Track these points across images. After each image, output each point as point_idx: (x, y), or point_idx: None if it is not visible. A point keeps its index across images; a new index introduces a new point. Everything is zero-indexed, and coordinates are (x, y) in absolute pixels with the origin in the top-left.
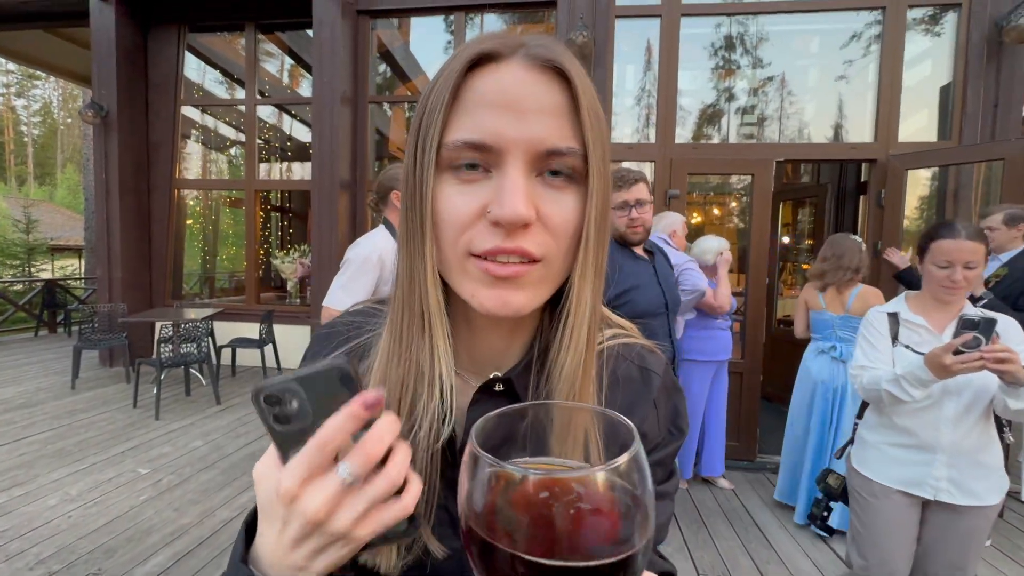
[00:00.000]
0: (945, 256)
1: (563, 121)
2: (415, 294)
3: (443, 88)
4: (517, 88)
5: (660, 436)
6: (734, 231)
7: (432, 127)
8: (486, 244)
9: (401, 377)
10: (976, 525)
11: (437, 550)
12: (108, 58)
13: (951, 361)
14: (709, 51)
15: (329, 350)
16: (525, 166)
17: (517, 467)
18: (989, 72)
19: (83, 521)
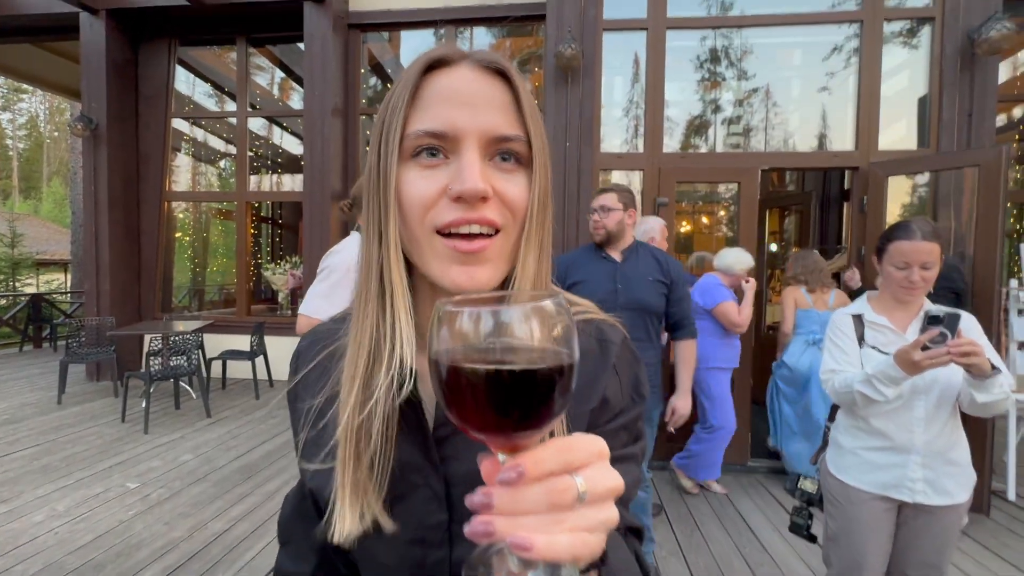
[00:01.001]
0: (902, 257)
1: (508, 113)
2: (374, 273)
3: (403, 89)
4: (469, 86)
5: (624, 402)
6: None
7: (395, 121)
8: (449, 216)
9: (365, 346)
10: (950, 523)
11: (387, 524)
12: (98, 72)
13: (920, 357)
14: (695, 63)
15: (313, 356)
16: (479, 150)
17: (459, 304)
18: (963, 83)
19: (70, 537)
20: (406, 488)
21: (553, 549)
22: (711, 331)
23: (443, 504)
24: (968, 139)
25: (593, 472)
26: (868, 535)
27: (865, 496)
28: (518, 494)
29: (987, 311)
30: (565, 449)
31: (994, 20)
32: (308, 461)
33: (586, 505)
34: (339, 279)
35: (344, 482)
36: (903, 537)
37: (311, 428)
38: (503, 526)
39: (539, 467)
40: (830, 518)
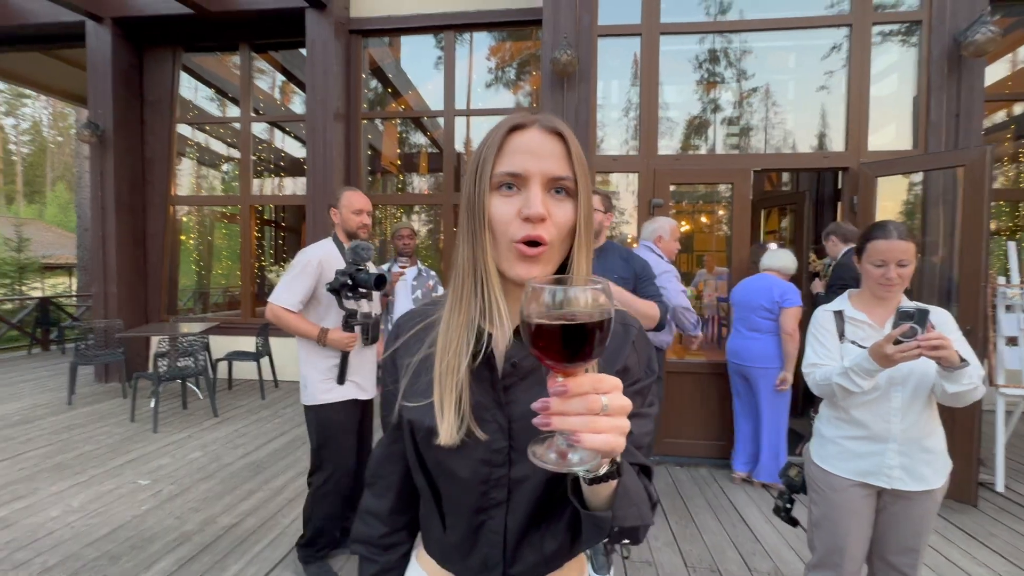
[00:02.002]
0: (880, 255)
1: (561, 161)
2: (478, 272)
3: (492, 144)
4: (536, 143)
5: (640, 373)
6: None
7: (487, 164)
8: (520, 232)
9: (465, 321)
10: (926, 508)
11: (477, 431)
12: (104, 79)
13: (892, 351)
14: (690, 66)
15: (411, 327)
16: (541, 186)
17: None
18: (950, 85)
19: (86, 530)
20: (480, 422)
21: (591, 441)
22: (776, 331)
23: (506, 434)
24: (956, 140)
25: (613, 395)
26: (849, 520)
27: (846, 483)
28: (566, 402)
29: (972, 308)
30: (596, 379)
31: (979, 23)
32: (409, 401)
33: (608, 414)
34: (297, 272)
35: (448, 404)
36: (882, 522)
37: (412, 377)
38: (557, 421)
39: (578, 386)
40: (813, 505)
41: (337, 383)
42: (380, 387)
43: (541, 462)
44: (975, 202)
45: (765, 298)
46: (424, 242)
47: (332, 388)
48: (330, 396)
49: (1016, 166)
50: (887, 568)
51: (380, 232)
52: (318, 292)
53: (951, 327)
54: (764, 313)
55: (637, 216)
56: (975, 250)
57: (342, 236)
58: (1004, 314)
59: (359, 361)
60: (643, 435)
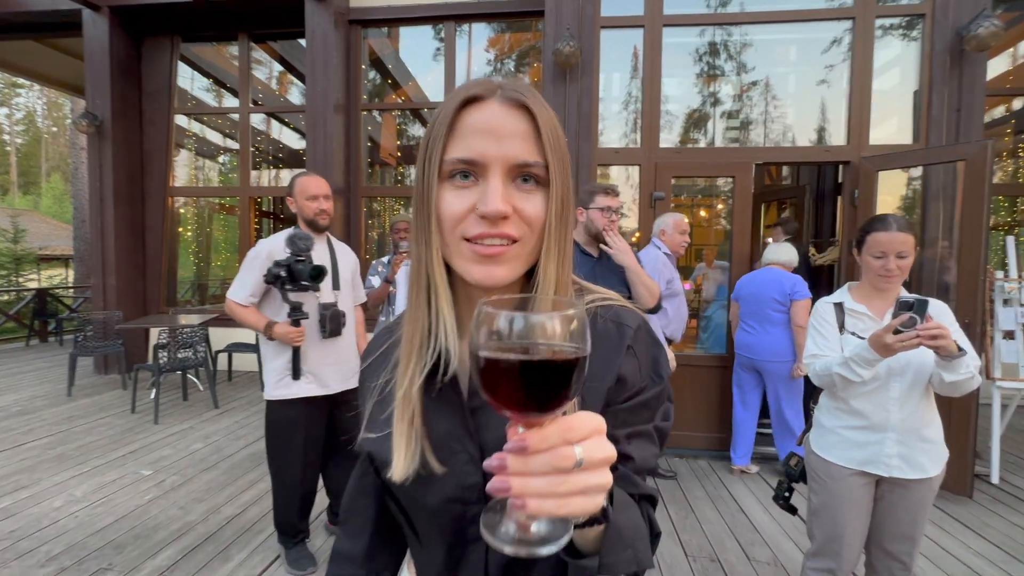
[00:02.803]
0: (880, 247)
1: (529, 142)
2: (422, 273)
3: (443, 121)
4: (495, 119)
5: (642, 382)
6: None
7: (435, 149)
8: (474, 230)
9: (418, 333)
10: (923, 496)
11: (433, 463)
12: (102, 68)
13: (892, 340)
14: (692, 59)
15: (379, 345)
16: (503, 175)
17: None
18: (952, 79)
19: (90, 520)
20: (448, 454)
21: (542, 509)
22: (787, 324)
23: (478, 467)
24: (957, 134)
25: (591, 443)
26: (848, 509)
27: (845, 472)
28: (528, 460)
29: (971, 302)
30: (567, 428)
31: (982, 17)
32: (370, 431)
33: (584, 470)
34: (247, 265)
35: (399, 433)
36: (880, 510)
37: (375, 404)
38: (516, 484)
39: (543, 442)
40: (813, 494)
41: (292, 378)
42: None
43: (497, 541)
44: (975, 196)
45: (776, 291)
46: None
47: (286, 384)
48: (281, 392)
49: (1015, 161)
50: (884, 556)
51: (379, 224)
52: (271, 285)
53: (949, 318)
54: (776, 306)
55: (639, 210)
56: (975, 244)
57: (302, 225)
58: (1002, 308)
59: (318, 355)
60: (648, 458)
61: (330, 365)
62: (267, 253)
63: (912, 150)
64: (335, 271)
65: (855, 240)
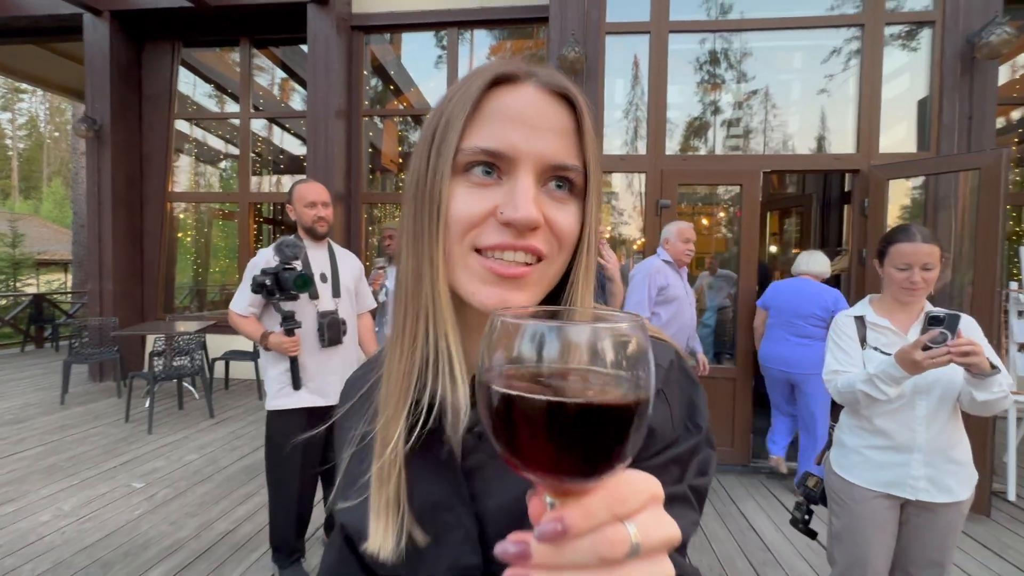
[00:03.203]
0: (904, 259)
1: (568, 141)
2: (422, 294)
3: (464, 100)
4: (532, 108)
5: (675, 432)
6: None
7: (451, 132)
8: (495, 239)
9: (404, 370)
10: (952, 521)
11: (420, 538)
12: (102, 73)
13: (921, 356)
14: (696, 66)
15: (360, 386)
16: (535, 176)
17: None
18: (963, 86)
19: (78, 536)
20: (439, 529)
21: None
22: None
23: (476, 546)
24: (968, 142)
25: (647, 518)
26: (872, 533)
27: (868, 494)
28: (563, 547)
29: (987, 313)
30: (616, 498)
31: (994, 24)
32: (344, 497)
33: (638, 559)
34: (247, 275)
35: (377, 502)
36: (906, 535)
37: (349, 463)
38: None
39: (587, 520)
40: (834, 516)
41: (293, 389)
42: None
43: None
44: (991, 206)
45: (817, 305)
46: None
47: (286, 394)
48: (281, 402)
49: (1020, 171)
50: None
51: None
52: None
53: (977, 333)
54: (816, 321)
55: (643, 218)
56: (990, 255)
57: (301, 233)
58: (1016, 320)
59: (319, 364)
60: (687, 529)
61: (332, 374)
62: (264, 262)
63: (924, 159)
64: (335, 278)
65: (877, 251)
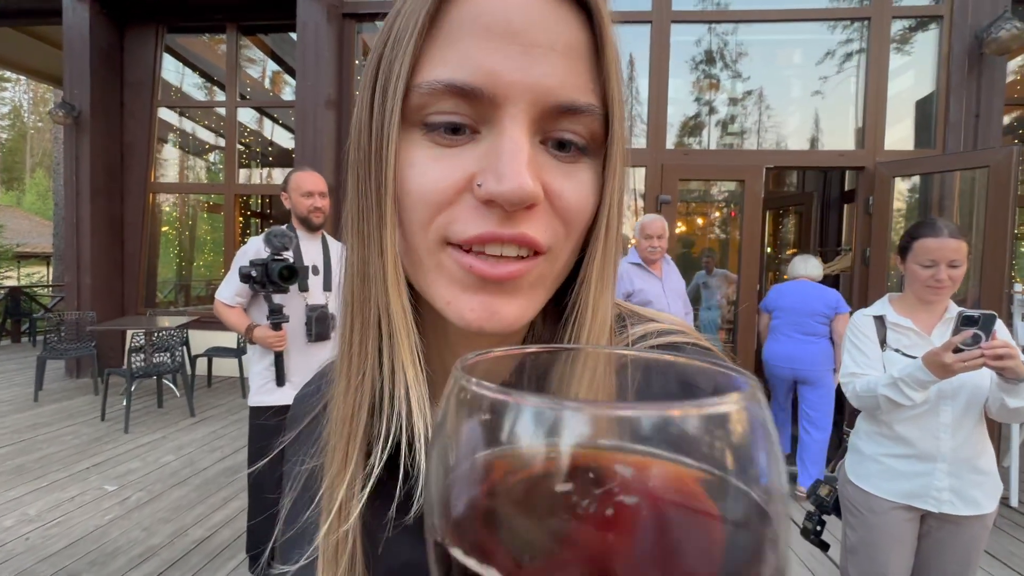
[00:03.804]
0: (929, 255)
1: (581, 66)
2: (369, 298)
3: (413, 13)
4: (523, 13)
5: None
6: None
7: (397, 63)
8: (473, 229)
9: (349, 404)
10: (977, 535)
11: None
12: (81, 57)
13: (952, 360)
14: (697, 60)
15: (307, 410)
16: (529, 124)
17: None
18: (970, 83)
19: (42, 543)
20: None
21: None
22: (828, 335)
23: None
24: (975, 140)
25: None
26: (891, 546)
27: (887, 505)
28: None
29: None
30: None
31: (1003, 20)
32: (283, 559)
33: None
34: (235, 263)
35: (325, 569)
36: (926, 549)
37: (290, 511)
38: None
39: None
40: (849, 528)
41: (276, 384)
42: None
43: None
44: (1000, 205)
45: (823, 303)
46: None
47: (268, 390)
48: (263, 398)
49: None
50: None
51: None
52: None
53: (1007, 334)
54: (821, 319)
55: (642, 213)
56: (1000, 254)
57: (296, 223)
58: (1020, 323)
59: (305, 360)
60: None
61: (316, 371)
62: (255, 251)
63: (931, 156)
64: (327, 271)
65: (899, 247)
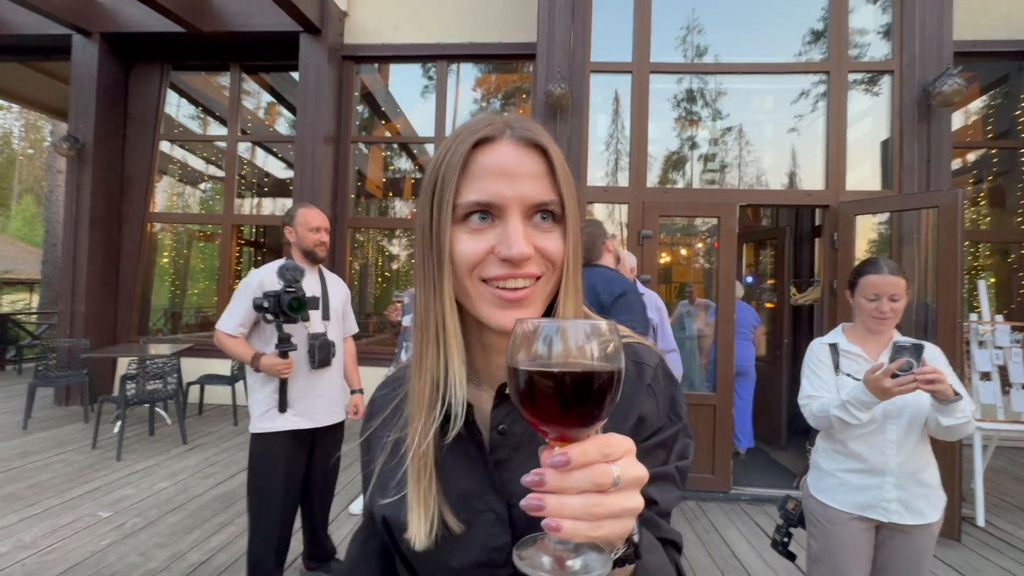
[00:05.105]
0: (873, 290)
1: (544, 181)
2: (431, 323)
3: (454, 162)
4: (509, 160)
5: (660, 421)
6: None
7: (447, 190)
8: (495, 272)
9: (428, 387)
10: (924, 543)
11: (454, 524)
12: (88, 93)
13: (890, 384)
14: (674, 104)
15: (387, 403)
16: (521, 215)
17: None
18: (921, 131)
19: (38, 569)
20: (471, 514)
21: (576, 531)
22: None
23: (506, 526)
24: (928, 182)
25: (626, 462)
26: (849, 555)
27: (844, 516)
28: (566, 476)
29: (950, 343)
30: (605, 444)
31: (946, 76)
32: (382, 496)
33: (618, 491)
34: (238, 295)
35: (415, 495)
36: (881, 557)
37: (385, 464)
38: (552, 503)
39: (584, 456)
40: (812, 539)
41: (279, 411)
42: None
43: (531, 568)
44: (949, 242)
45: (752, 318)
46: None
47: (271, 417)
48: (266, 425)
49: (977, 209)
50: None
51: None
52: (261, 315)
53: (942, 361)
54: (746, 330)
55: (626, 248)
56: (951, 288)
57: (297, 255)
58: (977, 350)
59: (306, 387)
60: (670, 501)
61: (317, 397)
62: (258, 283)
63: (888, 196)
64: (325, 301)
65: (848, 282)
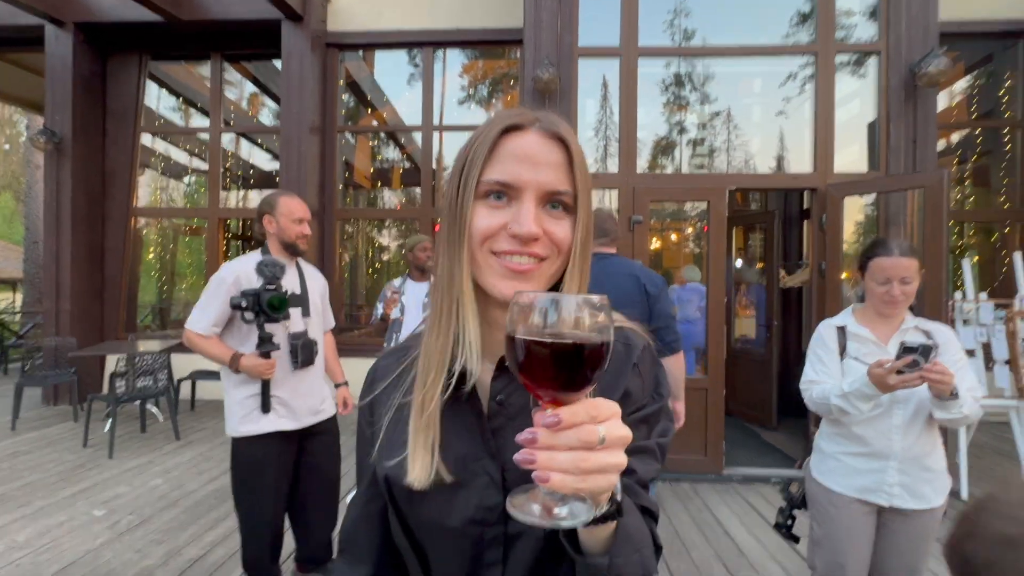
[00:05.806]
0: (883, 273)
1: (562, 172)
2: (453, 287)
3: (484, 144)
4: (534, 148)
5: (644, 399)
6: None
7: (474, 168)
8: (504, 246)
9: (441, 346)
10: (926, 527)
11: (445, 475)
12: (63, 84)
13: (895, 380)
14: (663, 88)
15: (388, 372)
16: (536, 199)
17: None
18: (907, 111)
19: (34, 568)
20: (468, 476)
21: (564, 483)
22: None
23: (499, 488)
24: (913, 163)
25: (611, 424)
26: (850, 538)
27: (846, 500)
28: (557, 434)
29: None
30: (592, 407)
31: (932, 56)
32: (387, 458)
33: (604, 448)
34: (212, 291)
35: (417, 443)
36: (883, 540)
37: (389, 428)
38: (543, 458)
39: (573, 417)
40: (814, 522)
41: (262, 412)
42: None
43: (521, 513)
44: (935, 221)
45: (700, 299)
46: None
47: (253, 419)
48: (249, 428)
49: (961, 189)
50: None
51: (352, 248)
52: (237, 313)
53: (955, 346)
54: (697, 308)
55: None
56: (936, 266)
57: (275, 247)
58: (962, 328)
59: (290, 386)
60: (649, 472)
61: (302, 396)
62: (234, 278)
63: (875, 178)
64: (305, 297)
65: (858, 264)
